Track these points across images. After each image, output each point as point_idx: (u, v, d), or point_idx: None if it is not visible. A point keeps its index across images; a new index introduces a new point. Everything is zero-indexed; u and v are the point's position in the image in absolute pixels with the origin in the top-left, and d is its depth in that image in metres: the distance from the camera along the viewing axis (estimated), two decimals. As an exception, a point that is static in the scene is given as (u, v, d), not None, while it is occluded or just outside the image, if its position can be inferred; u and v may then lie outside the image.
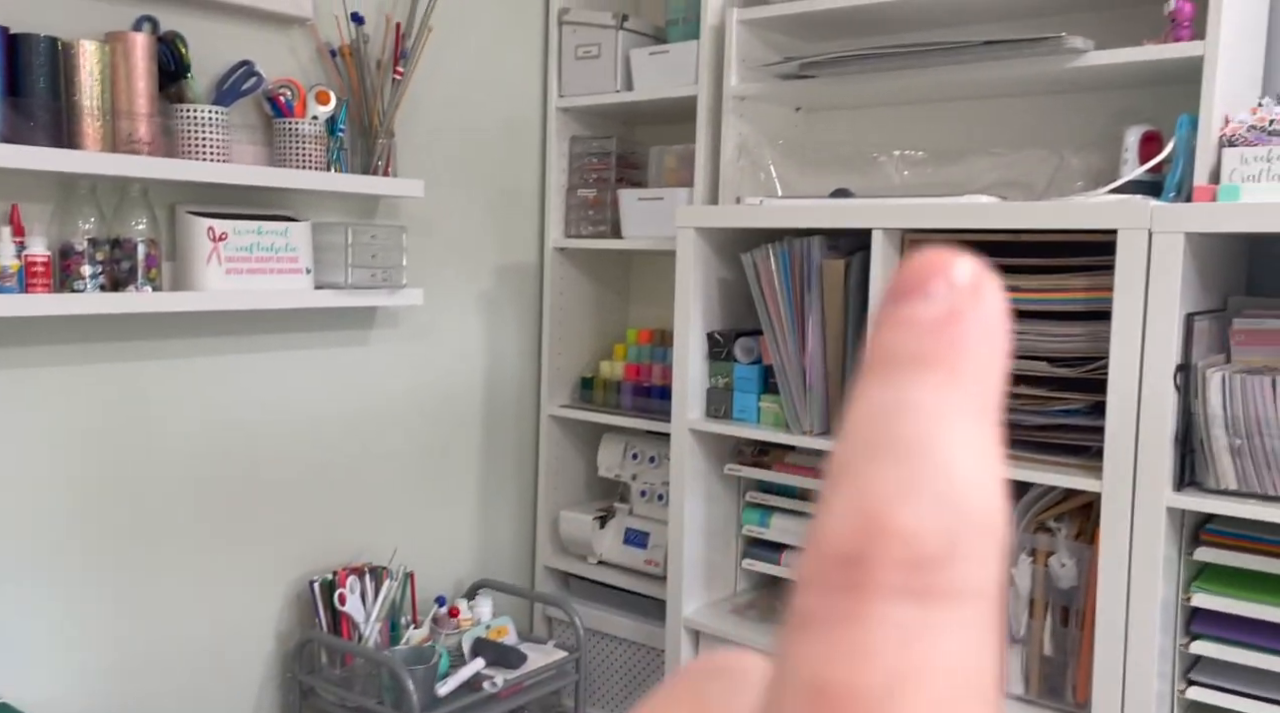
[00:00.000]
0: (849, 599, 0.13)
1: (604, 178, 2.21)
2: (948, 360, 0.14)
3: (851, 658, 0.13)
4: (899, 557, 0.13)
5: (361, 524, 2.01)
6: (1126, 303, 1.37)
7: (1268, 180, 1.37)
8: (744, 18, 1.91)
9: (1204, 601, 1.39)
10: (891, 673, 0.13)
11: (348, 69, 1.85)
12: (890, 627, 0.13)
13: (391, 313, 2.02)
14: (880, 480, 0.13)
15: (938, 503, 0.13)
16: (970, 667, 0.13)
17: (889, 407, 0.14)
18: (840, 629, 0.13)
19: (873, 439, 0.14)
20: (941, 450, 0.14)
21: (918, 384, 0.14)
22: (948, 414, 0.14)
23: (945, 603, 0.13)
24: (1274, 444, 1.32)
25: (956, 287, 0.15)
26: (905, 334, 0.14)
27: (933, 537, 0.13)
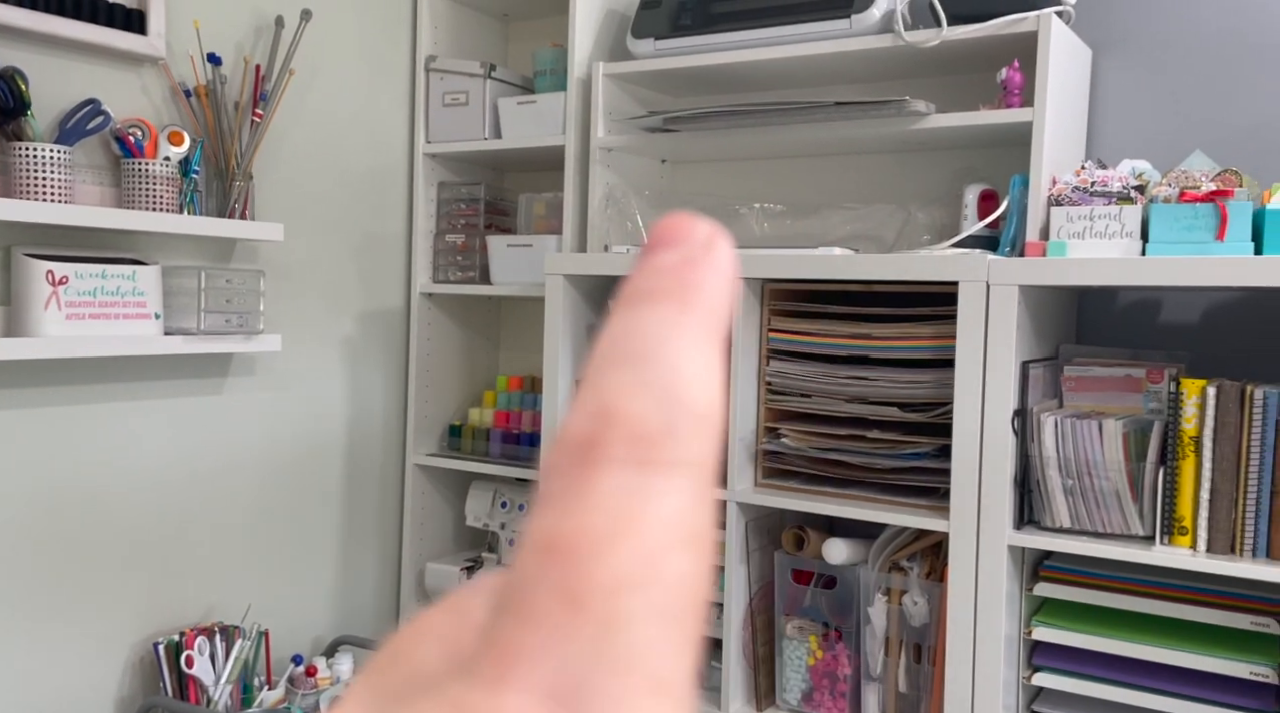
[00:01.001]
0: (580, 472, 0.15)
1: (472, 224, 2.21)
2: (679, 294, 0.16)
3: (576, 512, 0.14)
4: (624, 435, 0.15)
5: (212, 581, 1.91)
6: (967, 350, 1.45)
7: (1091, 238, 1.48)
8: (609, 72, 1.96)
9: (1044, 634, 1.47)
10: (611, 519, 0.14)
11: (203, 110, 1.80)
12: (613, 487, 0.14)
13: (248, 360, 1.95)
14: (613, 382, 0.15)
15: (660, 394, 0.15)
16: (684, 521, 0.15)
17: (627, 328, 0.16)
18: (570, 495, 0.15)
19: (610, 354, 0.16)
20: (666, 357, 0.16)
21: (653, 311, 0.16)
22: (675, 333, 0.16)
23: (663, 470, 0.15)
24: (1102, 484, 1.41)
25: (693, 241, 0.17)
26: (647, 276, 0.17)
27: (654, 419, 0.15)
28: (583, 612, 0.14)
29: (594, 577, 0.14)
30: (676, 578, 0.14)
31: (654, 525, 0.14)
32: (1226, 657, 1.35)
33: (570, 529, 0.14)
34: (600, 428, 0.15)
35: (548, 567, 0.14)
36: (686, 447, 0.15)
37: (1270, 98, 1.62)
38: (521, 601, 0.14)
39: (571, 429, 0.15)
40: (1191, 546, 1.35)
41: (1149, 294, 1.70)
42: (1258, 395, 1.32)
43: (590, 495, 0.15)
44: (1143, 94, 1.72)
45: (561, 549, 0.14)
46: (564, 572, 0.14)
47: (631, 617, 0.14)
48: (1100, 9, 1.74)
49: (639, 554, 0.14)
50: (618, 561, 0.14)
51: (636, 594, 0.14)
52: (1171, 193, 1.44)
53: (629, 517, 0.14)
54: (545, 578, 0.14)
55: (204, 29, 1.81)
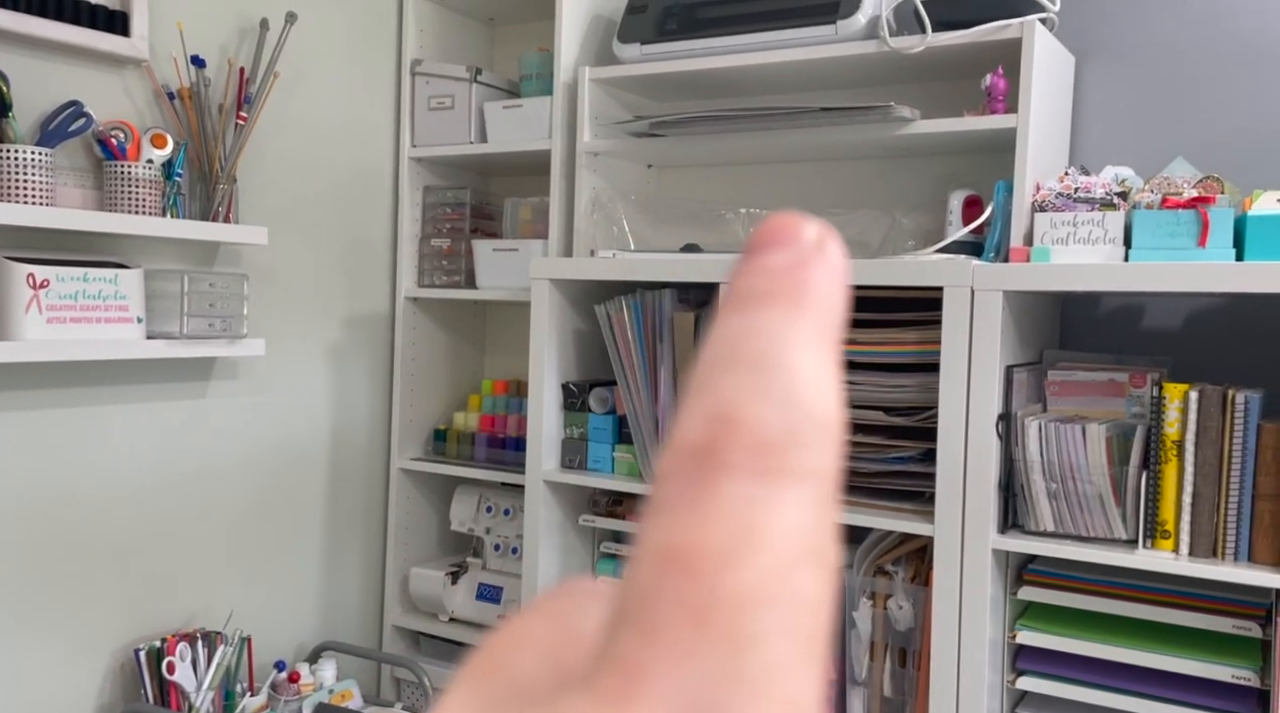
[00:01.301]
0: (699, 480, 0.14)
1: (458, 228, 2.20)
2: (793, 296, 0.16)
3: (700, 523, 0.14)
4: (744, 442, 0.14)
5: (195, 587, 1.90)
6: (952, 355, 1.45)
7: (1074, 243, 1.49)
8: (596, 77, 1.96)
9: (1028, 638, 1.47)
10: (737, 532, 0.14)
11: (187, 112, 1.79)
12: (736, 497, 0.14)
13: (231, 364, 1.94)
14: (730, 386, 0.15)
15: (781, 400, 0.15)
16: (809, 534, 0.14)
17: (740, 331, 0.15)
18: (691, 505, 0.14)
19: (724, 357, 0.15)
20: (785, 361, 0.15)
21: (766, 313, 0.15)
22: (792, 336, 0.15)
23: (786, 481, 0.14)
24: (1085, 488, 1.42)
25: (803, 241, 0.16)
26: (757, 277, 0.16)
27: (776, 426, 0.14)
28: (711, 628, 0.13)
29: (722, 591, 0.13)
30: (805, 595, 0.14)
31: (781, 539, 0.14)
32: (1209, 660, 1.35)
33: (693, 540, 0.14)
34: (719, 434, 0.14)
35: (670, 579, 0.13)
36: (810, 455, 0.14)
37: (1251, 105, 1.64)
38: (643, 614, 0.13)
39: (687, 435, 0.15)
40: (1174, 549, 1.36)
41: (1132, 299, 1.71)
42: (1239, 400, 1.33)
43: (712, 505, 0.14)
44: (1125, 101, 1.73)
45: (685, 561, 0.14)
46: (689, 585, 0.13)
47: (762, 635, 0.13)
48: (1083, 16, 1.75)
49: (767, 569, 0.14)
50: (746, 575, 0.13)
51: (766, 611, 0.13)
52: (1154, 199, 1.45)
53: (755, 529, 0.14)
54: (668, 591, 0.13)
55: (187, 31, 1.80)
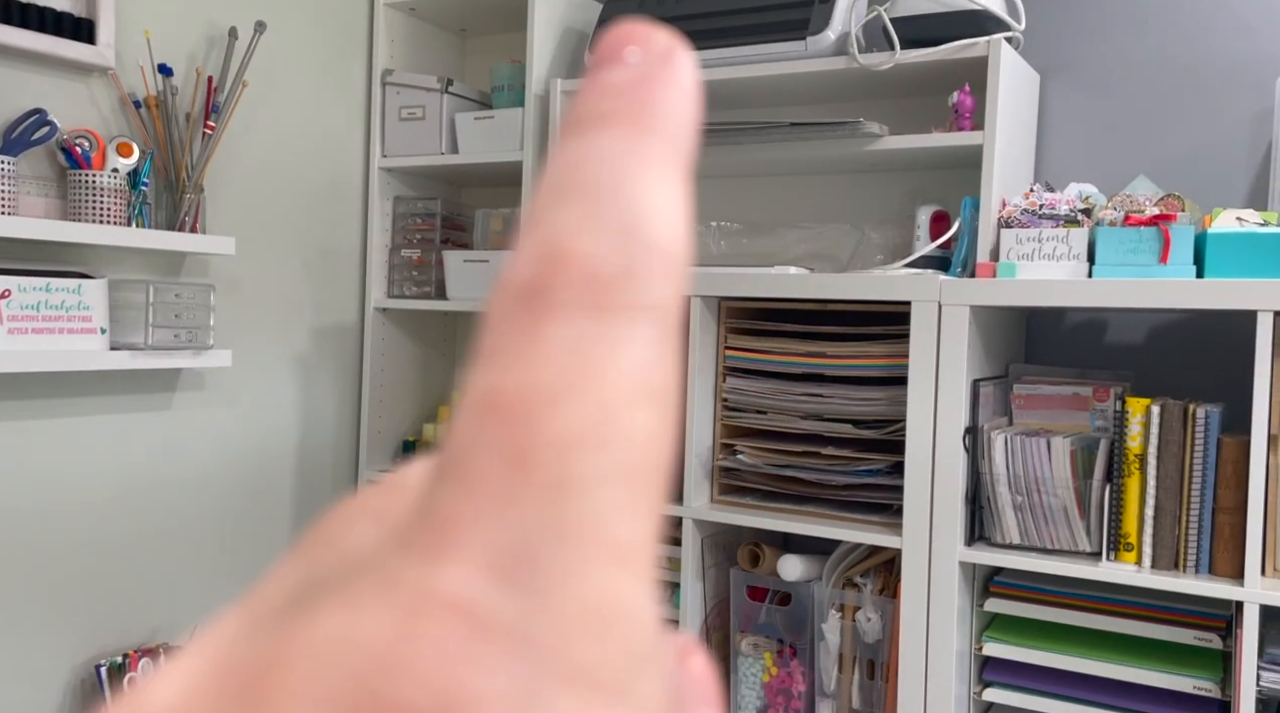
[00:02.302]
0: (526, 322, 0.13)
1: (428, 239, 2.19)
2: (634, 115, 0.15)
3: (524, 365, 0.13)
4: (576, 278, 0.13)
5: (159, 602, 1.87)
6: (920, 369, 1.46)
7: (1039, 259, 1.51)
8: (568, 88, 1.96)
9: (994, 649, 1.48)
10: (563, 373, 0.13)
11: (153, 121, 1.77)
12: (565, 337, 0.13)
13: (197, 375, 1.92)
14: (563, 218, 0.14)
15: (617, 231, 0.14)
16: (644, 372, 0.13)
17: (576, 158, 0.14)
18: (517, 348, 0.13)
19: (558, 188, 0.14)
20: (623, 188, 0.14)
21: (605, 137, 0.14)
22: (631, 160, 0.14)
23: (621, 316, 0.13)
24: (1050, 501, 1.43)
25: (648, 53, 0.15)
26: (597, 96, 0.15)
27: (610, 259, 0.13)
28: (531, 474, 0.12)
29: (544, 435, 0.12)
30: (638, 435, 0.13)
31: (612, 377, 0.13)
32: (1171, 672, 1.37)
33: (516, 384, 0.13)
34: (549, 271, 0.13)
35: (490, 427, 0.12)
36: (648, 289, 0.13)
37: (1210, 125, 1.67)
38: (461, 464, 0.12)
39: (516, 274, 0.13)
40: (1137, 562, 1.38)
41: (1096, 314, 1.74)
42: (1200, 415, 1.35)
43: (539, 347, 0.13)
44: (1089, 119, 1.76)
45: (506, 407, 0.12)
46: (509, 431, 0.12)
47: (587, 478, 0.12)
48: (1048, 35, 1.78)
49: (595, 409, 0.13)
50: (571, 417, 0.12)
51: (592, 453, 0.12)
52: (1117, 216, 1.47)
53: (584, 368, 0.13)
54: (487, 439, 0.12)
55: (155, 39, 1.79)
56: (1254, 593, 1.28)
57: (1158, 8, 1.71)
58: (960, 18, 1.60)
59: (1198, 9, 1.68)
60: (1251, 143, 1.64)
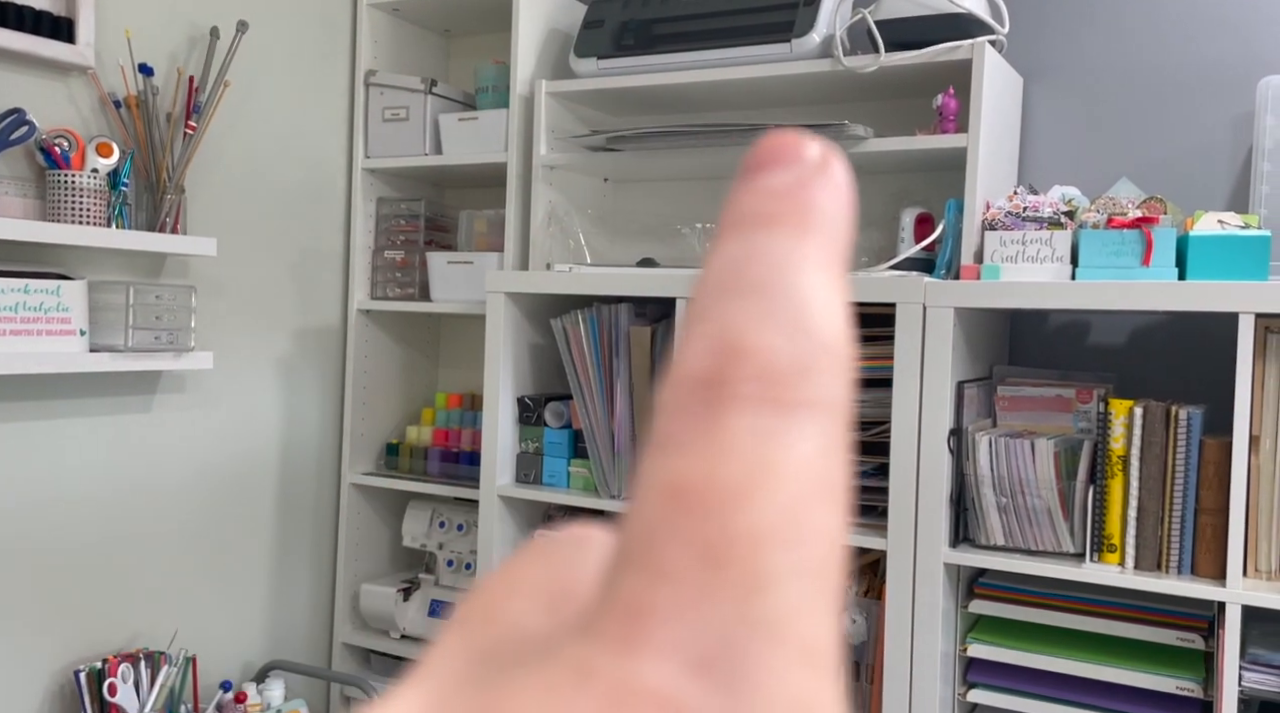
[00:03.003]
0: (706, 413, 0.13)
1: (412, 240, 2.18)
2: (796, 217, 0.15)
3: (710, 457, 0.13)
4: (754, 372, 0.13)
5: (138, 606, 1.85)
6: (905, 371, 1.47)
7: (1023, 261, 1.52)
8: (552, 90, 1.96)
9: (978, 651, 1.49)
10: (748, 466, 0.13)
11: (134, 121, 1.76)
12: (746, 430, 0.13)
13: (178, 377, 1.90)
14: (735, 313, 0.14)
15: (789, 327, 0.14)
16: (823, 468, 0.13)
17: (742, 255, 0.15)
18: (698, 439, 0.13)
19: (726, 283, 0.14)
20: (792, 286, 0.14)
21: (769, 237, 0.15)
22: (795, 259, 0.14)
23: (798, 411, 0.13)
24: (1034, 502, 1.44)
25: (805, 160, 0.16)
26: (758, 198, 0.15)
27: (784, 355, 0.14)
28: (723, 568, 0.12)
29: (734, 529, 0.12)
30: (821, 533, 0.13)
31: (795, 473, 0.13)
32: (1154, 672, 1.38)
33: (702, 475, 0.13)
34: (726, 364, 0.13)
35: (679, 517, 0.12)
36: (822, 385, 0.14)
37: (1192, 128, 1.68)
38: (650, 554, 0.12)
39: (691, 365, 0.14)
40: (1120, 563, 1.39)
41: (1079, 316, 1.75)
42: (1182, 416, 1.36)
43: (721, 438, 0.13)
44: (1072, 122, 1.77)
45: (694, 497, 0.13)
46: (699, 523, 0.12)
47: (778, 576, 0.12)
48: (1031, 39, 1.78)
49: (781, 506, 0.13)
50: (761, 512, 0.12)
51: (782, 551, 0.12)
52: (1099, 219, 1.48)
53: (767, 463, 0.13)
54: (677, 529, 0.12)
55: (135, 39, 1.77)
56: (1236, 593, 1.29)
57: (1140, 12, 1.72)
58: (944, 21, 1.61)
59: (1179, 13, 1.69)
60: (1232, 146, 1.65)
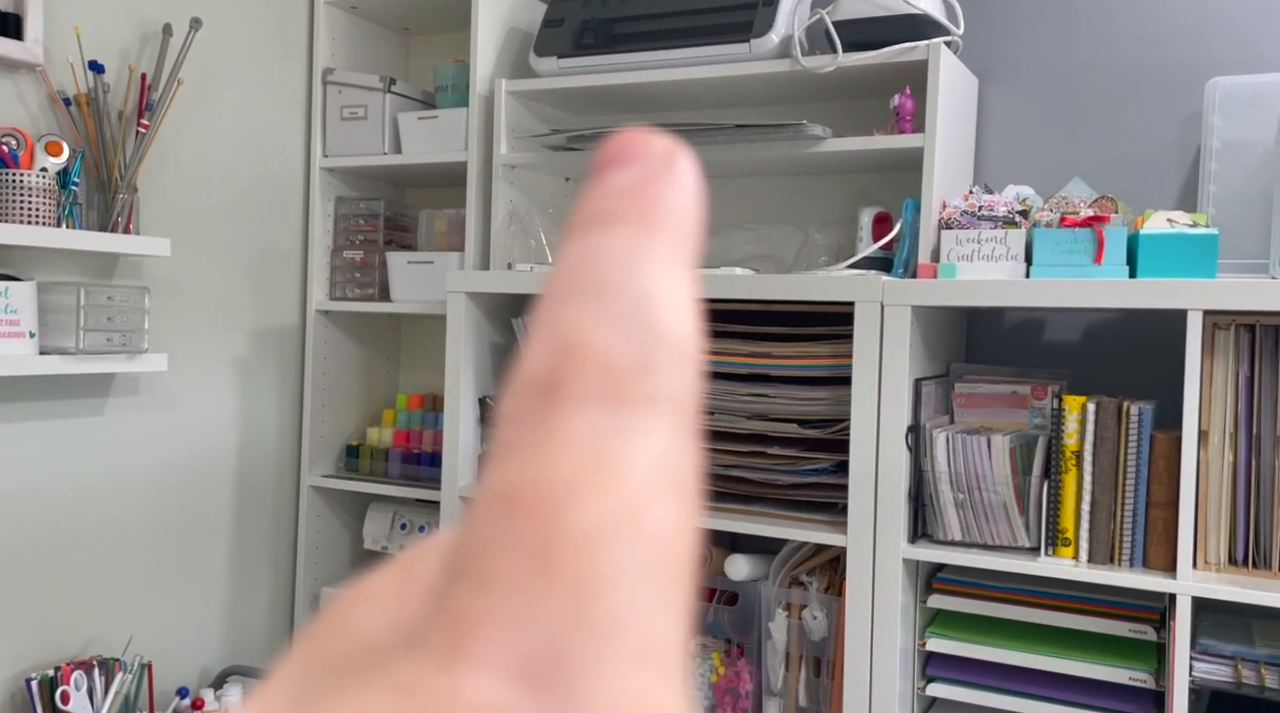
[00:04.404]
0: (542, 416, 0.13)
1: (371, 240, 2.17)
2: (640, 215, 0.15)
3: (541, 460, 0.13)
4: (590, 370, 0.13)
5: (92, 612, 1.82)
6: (863, 368, 1.48)
7: (979, 260, 1.53)
8: (512, 89, 1.95)
9: (937, 645, 1.50)
10: (581, 467, 0.12)
11: (84, 119, 1.72)
12: (581, 430, 0.13)
13: (131, 380, 1.87)
14: (574, 314, 0.14)
15: (628, 324, 0.14)
16: (664, 463, 0.13)
17: (584, 256, 0.14)
18: (533, 443, 0.13)
19: (568, 285, 0.14)
20: (632, 284, 0.14)
21: (612, 234, 0.14)
22: (637, 256, 0.14)
23: (637, 408, 0.13)
24: (990, 498, 1.46)
25: (650, 157, 0.16)
26: (602, 198, 0.15)
27: (623, 351, 0.13)
28: (552, 571, 0.12)
29: (564, 530, 0.12)
30: (661, 529, 0.13)
31: (632, 470, 0.13)
32: (1108, 663, 1.40)
33: (534, 479, 0.12)
34: (563, 364, 0.13)
35: (508, 522, 0.12)
36: (663, 380, 0.13)
37: (1142, 129, 1.71)
38: (478, 561, 0.12)
39: (530, 368, 0.13)
40: (1074, 556, 1.41)
41: (1033, 314, 1.77)
42: (1133, 412, 1.38)
43: (555, 440, 0.13)
44: (1026, 122, 1.79)
45: (524, 501, 0.12)
46: (528, 526, 0.12)
47: (610, 574, 0.12)
48: (986, 40, 1.81)
49: (616, 503, 0.12)
50: (592, 511, 0.12)
51: (615, 549, 0.12)
52: (1053, 217, 1.50)
53: (602, 461, 0.13)
54: (506, 535, 0.12)
55: (86, 36, 1.74)
56: (1186, 585, 1.31)
57: (1091, 15, 1.75)
58: (900, 22, 1.62)
59: (1130, 16, 1.72)
60: (1181, 146, 1.68)
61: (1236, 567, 1.35)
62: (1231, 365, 1.35)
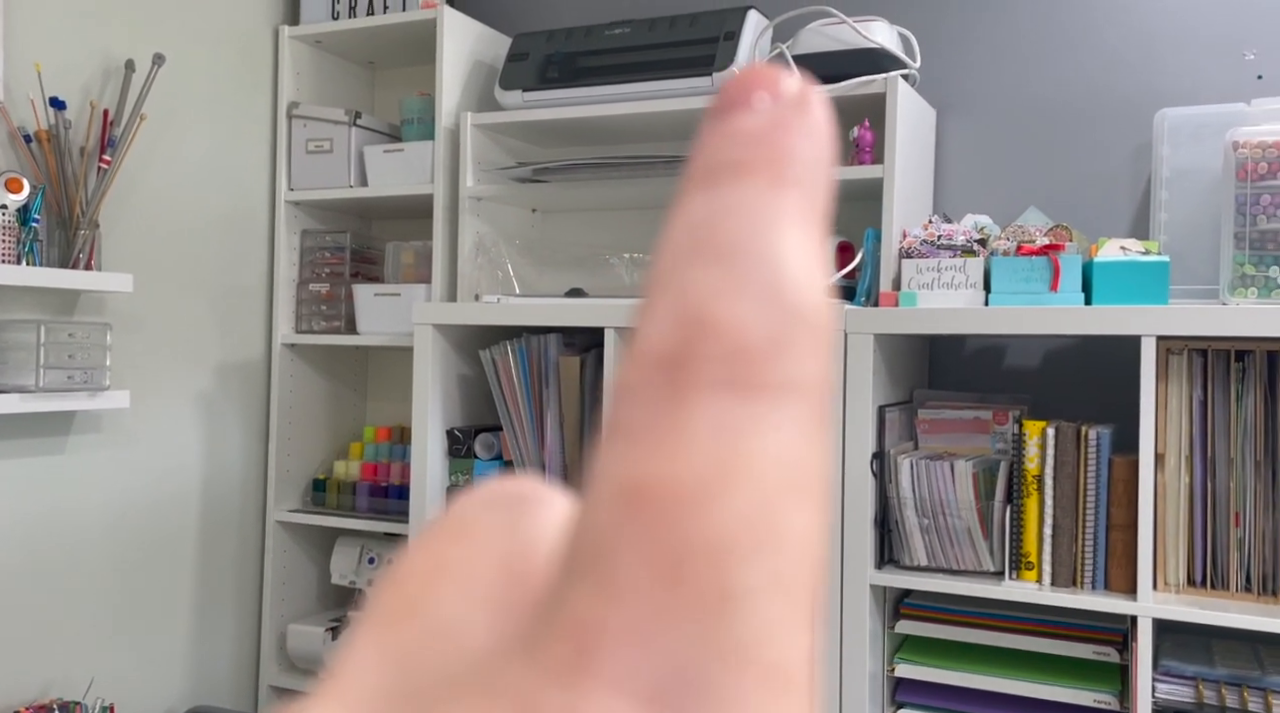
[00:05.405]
0: (668, 399, 0.12)
1: (338, 272, 2.16)
2: (771, 166, 0.13)
3: (670, 453, 0.12)
4: (720, 351, 0.12)
5: (52, 655, 1.78)
6: (828, 397, 1.49)
7: (939, 288, 1.56)
8: (478, 122, 1.96)
9: (906, 671, 1.51)
10: (712, 464, 0.11)
11: (45, 155, 1.71)
12: (711, 420, 0.12)
13: (93, 417, 1.85)
14: (701, 281, 0.12)
15: (760, 298, 0.12)
16: (796, 459, 0.12)
17: (709, 213, 0.13)
18: (658, 429, 0.12)
19: (692, 245, 0.13)
20: (764, 249, 0.13)
21: (740, 190, 0.13)
22: (771, 216, 0.13)
23: (769, 396, 0.12)
24: (955, 523, 1.47)
25: (780, 98, 0.14)
26: (727, 144, 0.14)
27: (755, 330, 0.12)
28: (683, 585, 0.11)
29: (697, 538, 0.11)
30: (794, 538, 0.12)
31: (765, 469, 0.12)
32: (1073, 686, 1.42)
33: (661, 474, 0.11)
34: (690, 341, 0.12)
35: (634, 523, 0.11)
36: (797, 363, 0.12)
37: (1095, 158, 1.75)
38: (602, 565, 0.11)
39: (653, 341, 0.12)
40: (1037, 580, 1.42)
41: (994, 340, 1.80)
42: (1091, 436, 1.41)
43: (684, 430, 0.12)
44: (983, 153, 1.83)
45: (651, 500, 0.11)
46: (657, 530, 0.11)
47: (745, 591, 0.11)
48: (943, 73, 1.85)
49: (749, 509, 0.11)
50: (725, 516, 0.11)
51: (750, 562, 0.11)
52: (1010, 246, 1.53)
53: (734, 458, 0.12)
54: (632, 537, 0.11)
55: (47, 72, 1.73)
56: (1146, 607, 1.33)
57: (1044, 48, 1.79)
58: (858, 56, 1.65)
59: (1081, 49, 1.76)
60: (1133, 175, 1.72)
61: (1195, 588, 1.37)
62: (1185, 390, 1.38)
